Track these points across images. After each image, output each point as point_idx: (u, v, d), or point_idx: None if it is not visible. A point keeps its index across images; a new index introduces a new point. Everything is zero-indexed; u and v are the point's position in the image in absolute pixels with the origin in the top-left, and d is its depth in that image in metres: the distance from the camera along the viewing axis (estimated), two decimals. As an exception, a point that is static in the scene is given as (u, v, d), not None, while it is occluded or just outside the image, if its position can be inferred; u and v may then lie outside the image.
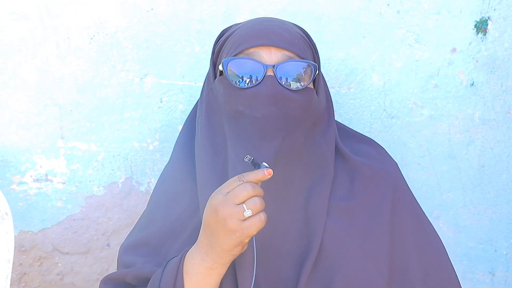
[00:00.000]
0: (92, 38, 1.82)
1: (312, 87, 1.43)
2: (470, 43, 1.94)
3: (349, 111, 1.95)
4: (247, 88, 1.36)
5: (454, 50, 1.94)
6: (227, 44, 1.43)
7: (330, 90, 1.88)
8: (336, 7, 1.87)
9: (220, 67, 1.40)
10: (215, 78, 1.45)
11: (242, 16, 1.84)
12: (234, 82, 1.37)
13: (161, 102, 1.89)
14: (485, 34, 1.94)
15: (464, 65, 1.95)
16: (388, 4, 1.88)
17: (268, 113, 1.35)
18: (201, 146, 1.44)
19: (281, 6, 1.85)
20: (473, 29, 1.93)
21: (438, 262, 1.47)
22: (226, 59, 1.39)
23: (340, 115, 1.93)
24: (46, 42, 1.81)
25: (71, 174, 1.91)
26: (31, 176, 1.89)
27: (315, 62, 1.47)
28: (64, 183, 1.91)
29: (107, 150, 1.90)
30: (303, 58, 1.40)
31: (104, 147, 1.90)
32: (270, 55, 1.37)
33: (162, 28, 1.83)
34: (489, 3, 1.91)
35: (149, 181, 1.94)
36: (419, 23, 1.91)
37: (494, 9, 1.92)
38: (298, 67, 1.38)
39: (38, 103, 1.84)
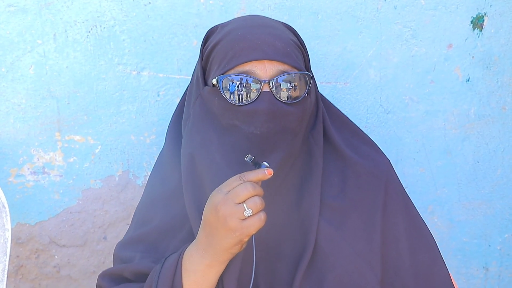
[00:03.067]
0: (89, 32, 1.82)
1: (307, 94, 1.41)
2: (466, 39, 1.94)
3: (345, 106, 1.95)
4: (244, 105, 1.34)
5: (450, 46, 1.95)
6: (217, 52, 1.39)
7: (327, 84, 1.91)
8: (333, 2, 1.88)
9: (214, 81, 1.37)
10: (205, 84, 1.43)
11: (239, 10, 1.85)
12: (229, 99, 1.35)
13: (158, 95, 1.89)
14: (481, 30, 1.94)
15: (460, 61, 1.96)
16: (385, 0, 1.89)
17: (267, 130, 1.34)
18: (186, 154, 1.43)
19: (278, 0, 1.85)
20: (470, 25, 1.94)
21: (431, 261, 1.46)
22: (219, 76, 1.36)
23: (337, 110, 1.93)
24: (44, 35, 1.81)
25: (68, 167, 1.91)
26: (28, 168, 1.89)
27: (306, 65, 1.45)
28: (61, 176, 1.91)
29: (104, 143, 1.91)
30: (297, 68, 1.37)
31: (101, 140, 1.90)
32: (264, 70, 1.34)
33: (160, 22, 1.84)
34: (485, -1, 1.92)
35: (146, 175, 1.94)
36: (416, 19, 1.91)
37: (491, 5, 1.93)
38: (294, 79, 1.36)
39: (36, 96, 1.84)
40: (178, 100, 1.87)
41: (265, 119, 1.33)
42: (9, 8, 1.77)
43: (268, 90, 1.34)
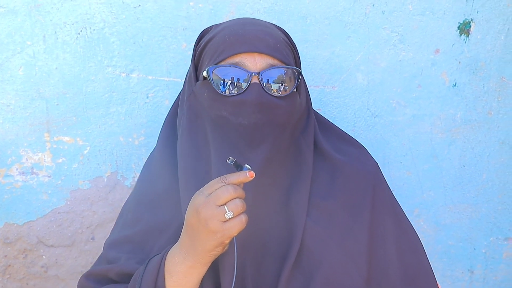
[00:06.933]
0: (79, 33, 1.83)
1: (295, 91, 1.44)
2: (453, 45, 1.96)
3: (333, 109, 1.97)
4: (233, 95, 1.36)
5: (437, 51, 1.96)
6: (209, 48, 1.42)
7: (314, 88, 1.92)
8: (322, 6, 1.89)
9: (205, 74, 1.40)
10: (197, 81, 1.45)
11: (228, 14, 1.85)
12: (219, 89, 1.37)
13: (147, 97, 1.90)
14: (468, 36, 1.96)
15: (447, 66, 1.97)
16: (373, 5, 1.90)
17: (254, 120, 1.35)
18: (183, 150, 1.44)
19: (267, 4, 1.87)
20: (456, 31, 1.95)
21: (417, 261, 1.48)
22: (210, 66, 1.38)
23: (324, 114, 1.94)
24: (34, 36, 1.81)
25: (56, 168, 1.91)
26: (17, 169, 1.90)
27: (296, 64, 1.48)
28: (49, 176, 1.92)
29: (93, 145, 1.91)
30: (286, 64, 1.39)
31: (90, 142, 1.91)
32: (254, 62, 1.36)
33: (149, 24, 1.84)
34: (472, 6, 1.93)
35: (134, 176, 1.95)
36: (404, 24, 1.93)
37: (477, 12, 1.94)
38: (283, 73, 1.38)
39: (25, 97, 1.84)
40: (167, 102, 1.88)
41: (253, 110, 1.35)
42: (-1, 9, 1.78)
43: (257, 82, 1.36)
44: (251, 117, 1.35)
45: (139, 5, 1.83)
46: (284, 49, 1.41)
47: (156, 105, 1.90)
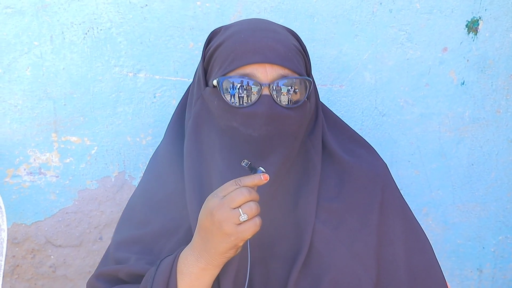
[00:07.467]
0: (86, 34, 1.83)
1: (306, 100, 1.42)
2: (461, 43, 1.95)
3: (341, 108, 1.96)
4: (243, 107, 1.35)
5: (445, 49, 1.96)
6: (219, 54, 1.40)
7: (322, 87, 1.91)
8: (329, 5, 1.88)
9: (215, 82, 1.38)
10: (206, 85, 1.44)
11: (236, 13, 1.85)
12: (229, 100, 1.36)
13: (155, 97, 1.90)
14: (476, 34, 1.95)
15: (455, 64, 1.97)
16: (381, 3, 1.90)
17: (265, 132, 1.34)
18: (188, 154, 1.44)
19: (275, 3, 1.86)
20: (464, 29, 1.95)
21: (426, 264, 1.47)
22: (220, 77, 1.36)
23: (332, 113, 1.94)
24: (41, 37, 1.81)
25: (64, 168, 1.92)
26: (25, 169, 1.90)
27: (307, 70, 1.45)
28: (57, 176, 1.92)
29: (100, 144, 1.91)
30: (298, 73, 1.38)
31: (98, 141, 1.91)
32: (265, 73, 1.34)
33: (156, 24, 1.84)
34: (480, 3, 1.93)
35: (142, 176, 1.94)
36: (411, 22, 1.92)
37: (486, 9, 1.93)
38: (294, 84, 1.36)
39: (32, 97, 1.85)
40: (174, 102, 1.88)
41: (264, 122, 1.34)
42: (6, 10, 1.78)
43: (268, 93, 1.34)
44: (261, 129, 1.34)
45: (146, 5, 1.83)
46: (295, 57, 1.39)
47: (164, 105, 1.90)
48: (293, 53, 1.38)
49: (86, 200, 1.95)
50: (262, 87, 1.34)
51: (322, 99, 1.88)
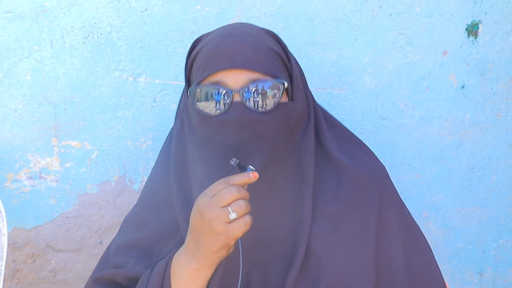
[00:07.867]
0: (86, 38, 1.83)
1: (285, 100, 1.39)
2: (461, 46, 1.95)
3: (341, 112, 1.96)
4: (216, 116, 1.33)
5: (445, 53, 1.95)
6: (196, 63, 1.38)
7: (322, 91, 1.91)
8: (329, 9, 1.88)
9: (189, 93, 1.37)
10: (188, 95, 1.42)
11: (235, 17, 1.85)
12: (202, 110, 1.35)
13: (155, 101, 1.90)
14: (476, 38, 1.95)
15: (455, 67, 1.97)
16: (381, 7, 1.90)
17: (239, 139, 1.32)
18: (174, 160, 1.45)
19: (274, 7, 1.86)
20: (464, 32, 1.94)
21: (425, 266, 1.46)
22: (192, 86, 1.36)
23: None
24: (41, 41, 1.81)
25: (64, 172, 1.92)
26: (25, 174, 1.90)
27: (287, 70, 1.42)
28: (57, 181, 1.92)
29: (101, 149, 1.91)
30: (269, 75, 1.35)
31: (98, 146, 1.91)
32: (235, 79, 1.32)
33: (156, 28, 1.85)
34: (480, 7, 1.93)
35: (142, 180, 1.95)
36: (411, 26, 1.92)
37: (485, 13, 1.93)
38: (265, 87, 1.33)
39: (32, 102, 1.85)
40: (174, 106, 1.89)
41: (236, 129, 1.32)
42: (6, 15, 1.78)
43: (239, 100, 1.32)
44: (234, 137, 1.32)
45: (146, 9, 1.83)
46: (268, 59, 1.35)
47: (164, 109, 1.90)
48: (264, 55, 1.35)
49: (86, 204, 1.95)
50: (233, 93, 1.31)
51: (322, 102, 1.89)
